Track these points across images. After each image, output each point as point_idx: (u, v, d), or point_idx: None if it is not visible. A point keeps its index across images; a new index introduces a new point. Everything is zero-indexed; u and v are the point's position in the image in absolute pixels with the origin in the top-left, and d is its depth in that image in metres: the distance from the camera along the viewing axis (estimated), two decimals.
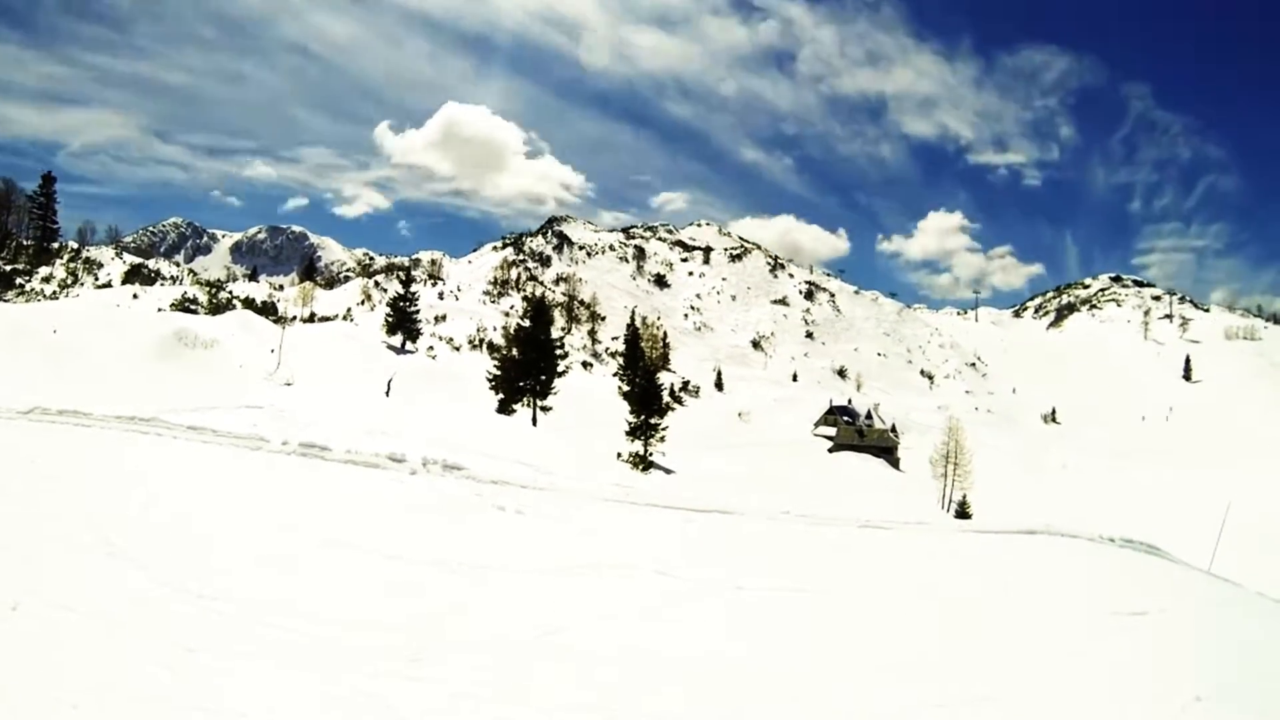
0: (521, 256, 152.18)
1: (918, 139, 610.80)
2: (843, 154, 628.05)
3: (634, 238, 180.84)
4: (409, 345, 62.87)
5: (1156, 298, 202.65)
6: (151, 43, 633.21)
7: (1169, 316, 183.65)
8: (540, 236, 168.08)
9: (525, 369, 38.79)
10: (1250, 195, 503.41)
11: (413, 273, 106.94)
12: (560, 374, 40.48)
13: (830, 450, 68.65)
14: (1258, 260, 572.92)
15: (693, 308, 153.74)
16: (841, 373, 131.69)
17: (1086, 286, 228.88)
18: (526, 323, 41.69)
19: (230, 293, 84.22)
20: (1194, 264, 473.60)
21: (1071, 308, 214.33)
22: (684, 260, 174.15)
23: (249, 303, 76.14)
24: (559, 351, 40.53)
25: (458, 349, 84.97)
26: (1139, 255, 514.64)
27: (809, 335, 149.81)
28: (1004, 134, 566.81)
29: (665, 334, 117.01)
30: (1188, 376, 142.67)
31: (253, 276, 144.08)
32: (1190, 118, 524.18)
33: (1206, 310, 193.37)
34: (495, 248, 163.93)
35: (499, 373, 39.60)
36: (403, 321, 61.70)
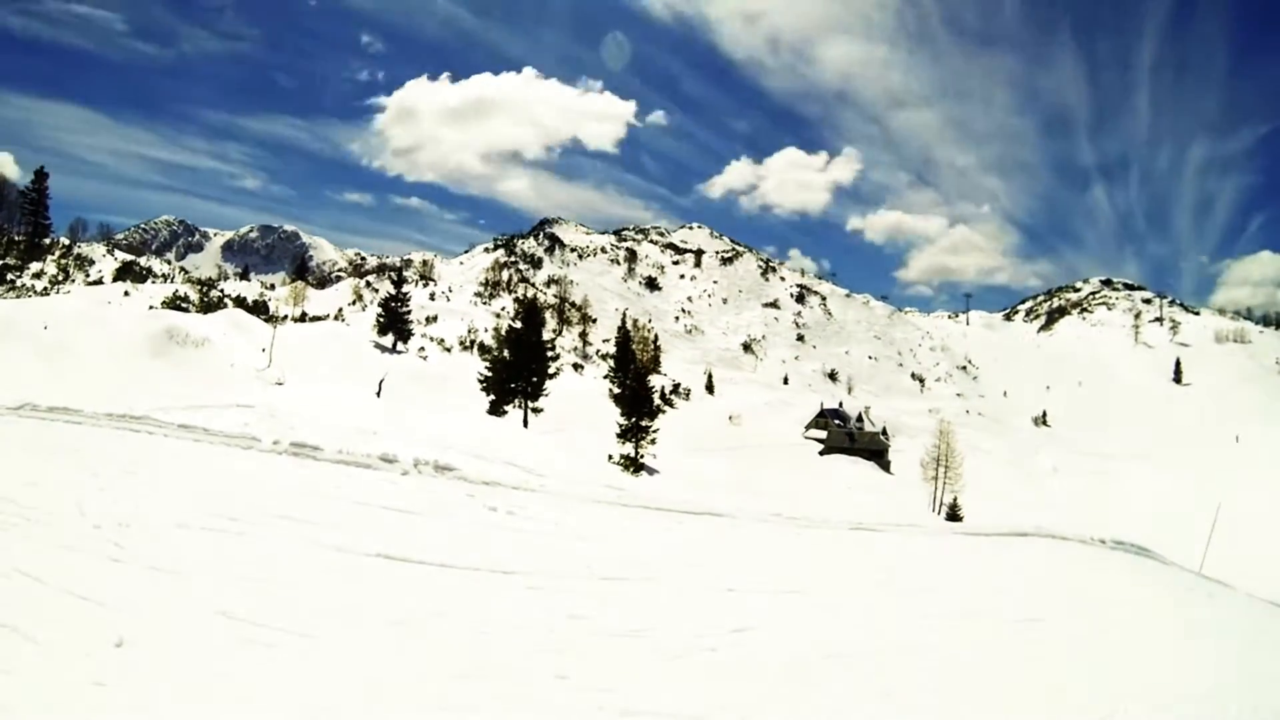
0: (513, 258, 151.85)
1: None
2: None
3: (625, 240, 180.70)
4: (400, 346, 62.71)
5: (1147, 300, 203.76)
6: None
7: (1159, 319, 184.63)
8: (532, 238, 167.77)
9: (516, 370, 38.75)
10: None
11: (404, 273, 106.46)
12: (551, 376, 40.49)
13: (821, 453, 68.72)
14: None
15: (684, 310, 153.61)
16: (832, 376, 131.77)
17: (1077, 290, 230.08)
18: (518, 324, 41.69)
19: (222, 291, 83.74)
20: None
21: (1062, 311, 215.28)
22: (675, 263, 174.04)
23: (240, 301, 75.71)
24: (550, 353, 40.58)
25: (449, 350, 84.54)
26: None
27: (800, 338, 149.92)
28: None
29: (656, 336, 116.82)
30: (1178, 379, 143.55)
31: (244, 275, 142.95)
32: None
33: (1197, 313, 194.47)
34: (487, 249, 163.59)
35: (490, 374, 39.58)
36: (394, 322, 61.50)
